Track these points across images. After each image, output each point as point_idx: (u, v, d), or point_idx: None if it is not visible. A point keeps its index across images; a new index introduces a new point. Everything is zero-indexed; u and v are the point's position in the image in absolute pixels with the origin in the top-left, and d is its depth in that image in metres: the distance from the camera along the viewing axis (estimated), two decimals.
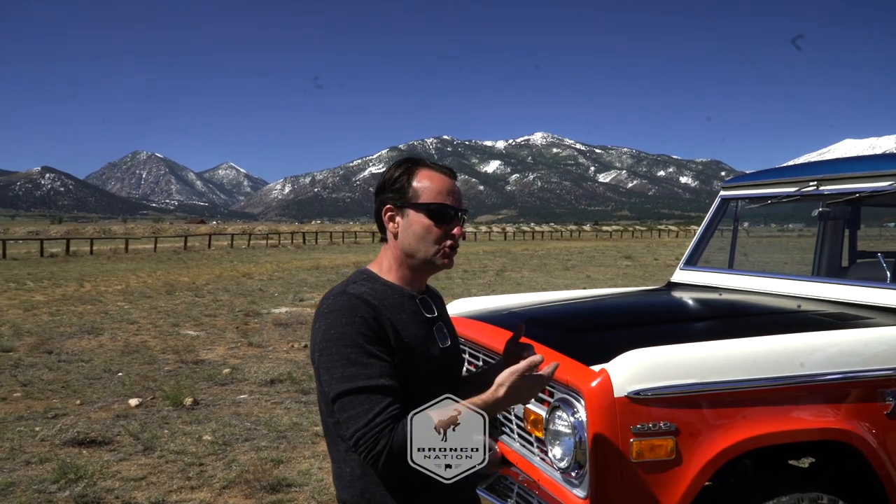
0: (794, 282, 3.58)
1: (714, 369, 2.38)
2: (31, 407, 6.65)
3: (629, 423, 2.25)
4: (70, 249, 35.92)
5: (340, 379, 1.68)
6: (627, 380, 2.27)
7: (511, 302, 3.91)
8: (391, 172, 1.88)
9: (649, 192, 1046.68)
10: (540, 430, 2.62)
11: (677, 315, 3.54)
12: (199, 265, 27.93)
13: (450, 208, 1.85)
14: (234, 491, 4.66)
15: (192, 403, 6.68)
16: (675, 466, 2.27)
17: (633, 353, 2.35)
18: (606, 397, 2.26)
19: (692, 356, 2.42)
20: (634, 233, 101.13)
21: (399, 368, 1.75)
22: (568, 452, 2.40)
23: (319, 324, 1.76)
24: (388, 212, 1.87)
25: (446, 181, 1.88)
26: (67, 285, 18.65)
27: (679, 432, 2.27)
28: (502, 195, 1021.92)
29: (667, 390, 2.28)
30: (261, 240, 55.66)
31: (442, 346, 1.90)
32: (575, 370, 2.42)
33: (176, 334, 10.92)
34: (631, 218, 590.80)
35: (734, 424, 2.34)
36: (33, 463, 5.12)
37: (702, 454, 2.28)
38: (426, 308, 1.91)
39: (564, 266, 27.08)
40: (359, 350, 1.70)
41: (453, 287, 18.32)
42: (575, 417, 2.37)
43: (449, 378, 1.92)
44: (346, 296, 1.77)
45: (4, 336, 10.44)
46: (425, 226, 1.83)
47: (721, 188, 4.34)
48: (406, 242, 1.86)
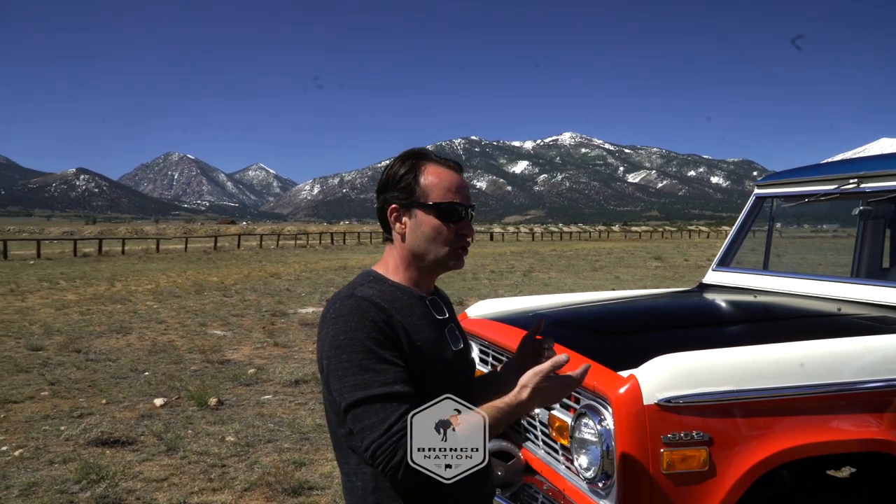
0: (833, 283, 3.42)
1: (750, 376, 2.25)
2: (58, 406, 6.68)
3: (659, 432, 2.13)
4: (102, 249, 36.46)
5: (353, 387, 1.58)
6: (657, 386, 2.15)
7: (536, 303, 3.80)
8: (395, 168, 1.77)
9: (679, 192, 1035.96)
10: (565, 438, 2.51)
11: (710, 318, 3.40)
12: (228, 265, 28.14)
13: (459, 206, 1.75)
14: (256, 493, 4.61)
15: (216, 404, 6.66)
16: (709, 478, 2.14)
17: (664, 358, 2.22)
18: (635, 405, 2.14)
19: (726, 362, 2.29)
20: (664, 233, 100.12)
21: (412, 373, 1.66)
22: (595, 462, 2.29)
23: (327, 330, 1.66)
24: (393, 212, 1.76)
25: (454, 177, 1.76)
26: (99, 285, 18.88)
27: (713, 442, 2.15)
28: (530, 195, 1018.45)
29: (700, 398, 2.16)
30: (289, 240, 56.01)
31: (455, 348, 1.80)
32: (602, 375, 2.31)
33: (203, 334, 10.95)
34: (661, 218, 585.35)
35: (771, 434, 2.20)
36: (57, 463, 5.12)
37: (737, 466, 2.15)
38: (436, 310, 1.81)
39: (593, 267, 26.82)
40: (371, 356, 1.60)
41: (480, 288, 18.21)
42: (602, 425, 2.25)
43: (463, 381, 1.83)
44: (354, 299, 1.67)
45: (35, 335, 10.55)
46: (435, 226, 1.73)
47: (755, 186, 4.19)
48: (415, 244, 1.76)
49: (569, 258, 33.40)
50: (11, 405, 6.67)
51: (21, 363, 8.49)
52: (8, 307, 13.91)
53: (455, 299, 14.68)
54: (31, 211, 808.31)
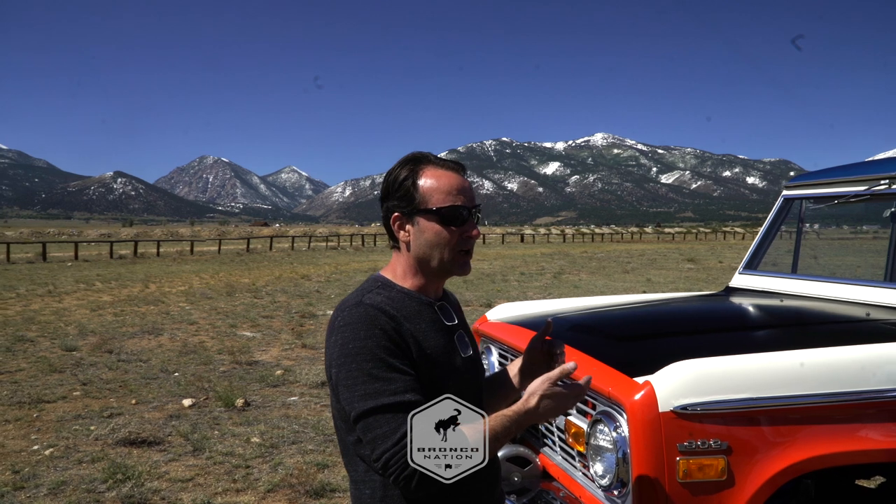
0: (864, 288, 3.32)
1: (771, 383, 2.19)
2: (89, 406, 6.78)
3: (675, 439, 2.08)
4: (138, 251, 37.13)
5: (363, 396, 1.56)
6: (673, 393, 2.10)
7: (557, 307, 3.76)
8: (395, 174, 1.73)
9: (714, 192, 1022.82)
10: (581, 445, 2.48)
11: (733, 323, 3.32)
12: (259, 267, 28.43)
13: (462, 209, 1.70)
14: (279, 495, 4.63)
15: (243, 405, 6.71)
16: (727, 488, 2.09)
17: (681, 364, 2.18)
18: (650, 412, 2.10)
19: (747, 368, 2.23)
20: (698, 235, 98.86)
21: (422, 381, 1.64)
22: (610, 469, 2.25)
23: (335, 338, 1.64)
24: (396, 220, 1.73)
25: (455, 178, 1.72)
26: (133, 286, 19.19)
27: (731, 451, 2.10)
28: (562, 197, 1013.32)
29: (717, 405, 2.11)
30: (321, 242, 56.42)
31: (464, 355, 1.78)
32: (617, 381, 2.26)
33: (233, 335, 11.06)
34: (695, 220, 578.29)
35: (793, 444, 2.14)
36: (85, 462, 5.19)
37: (756, 475, 2.09)
38: (446, 316, 1.79)
39: (624, 269, 26.57)
40: (381, 364, 1.58)
41: (509, 290, 18.15)
42: (617, 432, 2.21)
43: (473, 387, 1.80)
44: (362, 306, 1.65)
45: (70, 336, 10.75)
46: (437, 232, 1.70)
47: (784, 187, 4.09)
48: (419, 250, 1.73)
49: (600, 260, 33.13)
50: (44, 405, 6.80)
51: (55, 363, 8.65)
52: (45, 308, 14.20)
53: (483, 301, 14.65)
54: (71, 213, 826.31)
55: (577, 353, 2.63)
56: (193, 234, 72.59)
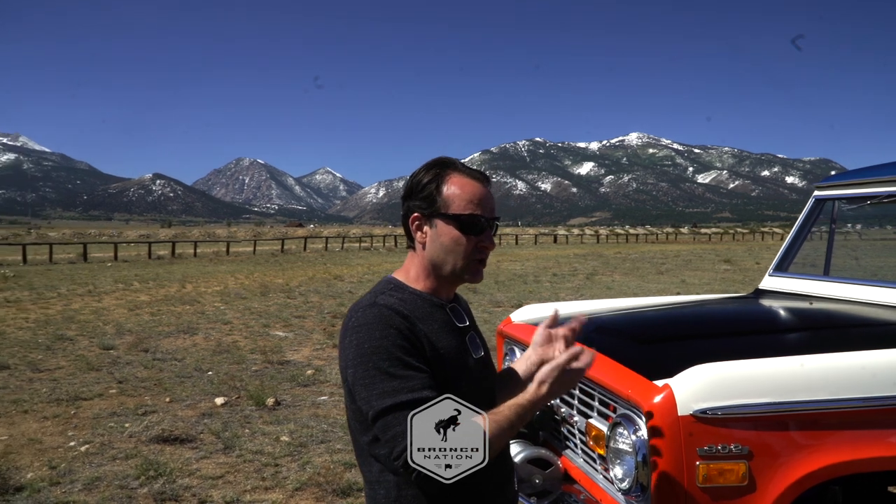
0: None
1: (795, 387, 2.16)
2: (124, 403, 6.92)
3: (695, 444, 2.06)
4: (175, 252, 37.75)
5: (381, 395, 1.58)
6: (693, 397, 2.08)
7: (581, 308, 3.73)
8: (420, 176, 1.76)
9: (752, 192, 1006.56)
10: (602, 447, 2.47)
11: (759, 326, 3.27)
12: (293, 267, 28.71)
13: (481, 218, 1.73)
14: (306, 493, 4.68)
15: (273, 404, 6.80)
16: (748, 493, 2.07)
17: (701, 367, 2.15)
18: (669, 415, 2.08)
19: (770, 372, 2.19)
20: (735, 235, 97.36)
21: (436, 380, 1.66)
22: (629, 473, 2.24)
23: (350, 339, 1.66)
24: (415, 220, 1.76)
25: (478, 188, 1.75)
26: (170, 286, 19.51)
27: (752, 456, 2.07)
28: (596, 197, 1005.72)
29: (738, 409, 2.08)
30: (354, 242, 56.79)
31: (475, 356, 1.80)
32: (637, 384, 2.25)
33: (266, 335, 11.19)
34: (732, 220, 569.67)
35: (817, 449, 2.11)
36: (119, 458, 5.30)
37: (779, 481, 2.06)
38: (457, 318, 1.81)
39: (658, 270, 26.28)
40: (397, 363, 1.60)
41: (541, 290, 18.09)
42: (637, 436, 2.20)
43: (486, 388, 1.81)
44: (376, 307, 1.67)
45: (107, 335, 10.98)
46: (454, 237, 1.72)
47: (815, 188, 4.02)
48: (434, 253, 1.75)
49: (634, 261, 32.82)
50: (81, 402, 6.95)
51: (93, 362, 8.84)
52: (85, 307, 14.51)
53: (515, 302, 14.61)
54: (112, 215, 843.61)
55: (598, 355, 2.62)
56: (230, 234, 73.55)
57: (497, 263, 29.84)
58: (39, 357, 9.19)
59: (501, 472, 1.83)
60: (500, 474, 1.82)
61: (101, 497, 4.57)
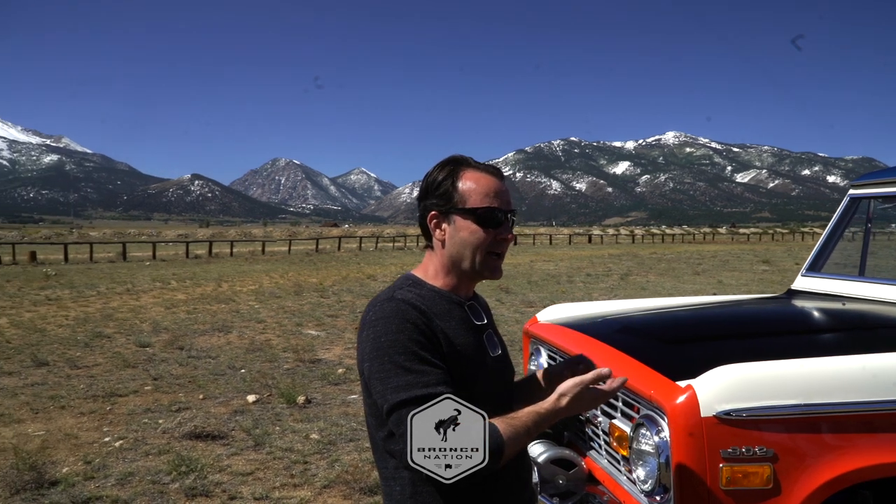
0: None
1: (822, 389, 2.11)
2: (159, 400, 7.04)
3: (718, 446, 2.03)
4: (212, 251, 38.28)
5: (396, 389, 1.59)
6: (716, 398, 2.04)
7: (608, 308, 3.70)
8: (434, 175, 1.77)
9: (792, 192, 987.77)
10: (625, 448, 2.44)
11: (788, 327, 3.20)
12: (327, 267, 28.92)
13: (498, 211, 1.73)
14: (334, 491, 4.71)
15: (304, 402, 6.85)
16: (773, 497, 2.03)
17: (725, 368, 2.12)
18: (692, 416, 2.05)
19: (796, 374, 2.15)
20: (774, 236, 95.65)
21: (453, 377, 1.65)
22: (652, 474, 2.21)
23: (367, 333, 1.67)
24: (433, 218, 1.77)
25: (493, 181, 1.75)
26: (206, 285, 19.79)
27: (777, 459, 2.03)
28: (631, 197, 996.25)
29: (763, 411, 2.04)
30: (388, 242, 57.02)
31: (493, 354, 1.79)
32: (660, 385, 2.22)
33: (298, 333, 11.29)
34: (772, 220, 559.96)
35: (844, 452, 2.06)
36: (152, 454, 5.39)
37: (804, 484, 2.02)
38: (475, 315, 1.80)
39: (694, 270, 25.91)
40: (413, 357, 1.60)
41: (574, 291, 17.97)
42: (660, 437, 2.17)
43: (502, 386, 1.81)
44: (394, 301, 1.68)
45: (144, 332, 11.18)
46: (473, 231, 1.73)
47: (850, 186, 3.93)
48: (454, 249, 1.75)
49: (669, 261, 32.42)
50: (117, 398, 7.09)
51: (129, 359, 9.01)
52: (123, 306, 14.80)
53: (548, 302, 14.53)
54: (151, 214, 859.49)
55: (621, 354, 2.59)
56: (266, 234, 74.40)
57: (530, 263, 29.72)
58: (78, 354, 9.40)
59: (518, 473, 1.83)
60: (518, 475, 1.82)
61: (134, 492, 4.65)
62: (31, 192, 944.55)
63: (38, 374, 8.19)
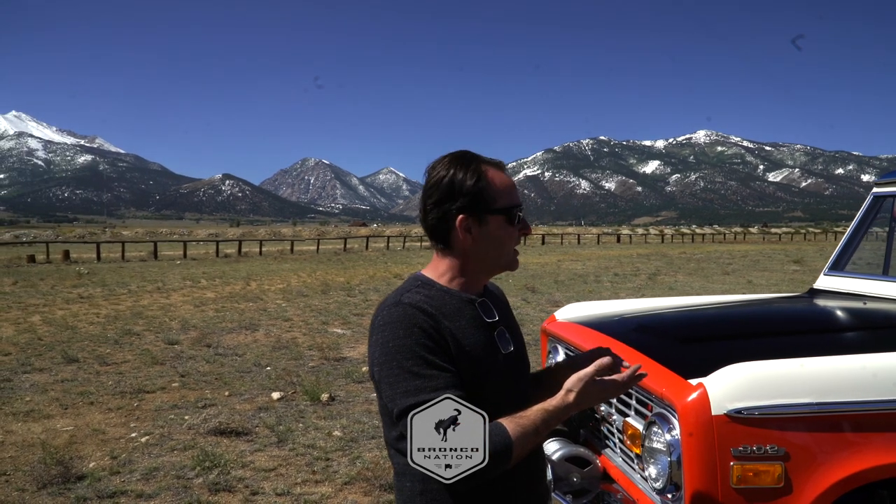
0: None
1: (835, 388, 2.09)
2: (185, 396, 7.15)
3: (729, 444, 2.02)
4: (242, 250, 38.70)
5: (404, 393, 1.60)
6: (727, 396, 2.04)
7: (626, 307, 3.69)
8: (452, 175, 1.72)
9: (825, 191, 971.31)
10: (638, 447, 2.44)
11: (806, 326, 3.17)
12: (355, 266, 29.08)
13: (519, 207, 1.75)
14: (355, 487, 4.75)
15: (328, 399, 6.92)
16: (784, 495, 2.01)
17: (736, 366, 2.11)
18: (703, 414, 2.04)
19: (808, 372, 2.13)
20: (807, 235, 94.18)
21: (463, 378, 1.66)
22: (663, 472, 2.20)
23: (376, 337, 1.67)
24: (463, 221, 1.71)
25: (507, 178, 1.76)
26: (235, 284, 20.03)
27: (789, 457, 2.02)
28: (661, 196, 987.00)
29: (774, 410, 2.03)
30: (415, 241, 57.14)
31: (504, 352, 1.77)
32: (671, 383, 2.22)
33: (324, 332, 11.38)
34: (804, 219, 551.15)
35: (857, 451, 2.04)
36: (178, 449, 5.49)
37: (816, 483, 2.01)
38: (486, 313, 1.79)
39: (724, 270, 25.60)
40: (421, 362, 1.61)
41: (602, 290, 17.87)
42: (671, 435, 2.17)
43: (516, 385, 1.80)
44: (401, 306, 1.68)
45: (173, 330, 11.36)
46: (507, 231, 1.74)
47: (874, 184, 3.87)
48: (482, 251, 1.74)
49: (698, 261, 32.08)
50: (145, 395, 7.22)
51: (157, 356, 9.16)
52: (153, 304, 15.04)
53: (574, 302, 14.46)
54: (183, 214, 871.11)
55: (635, 353, 2.59)
56: (295, 234, 74.98)
57: (558, 263, 29.61)
58: (107, 351, 9.58)
59: (531, 470, 1.83)
60: (530, 473, 1.81)
61: (158, 486, 4.74)
62: (66, 192, 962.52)
63: (68, 370, 8.37)
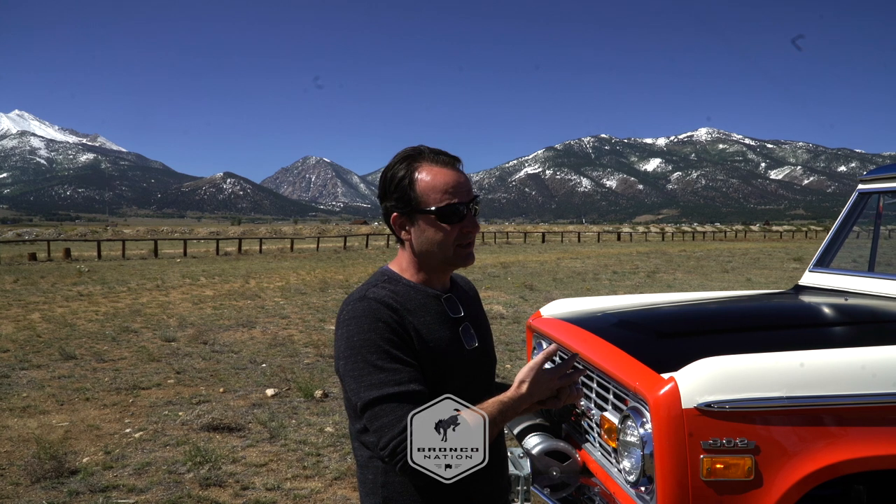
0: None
1: (805, 382, 2.11)
2: (180, 393, 7.18)
3: (699, 437, 2.04)
4: (242, 248, 38.74)
5: (369, 387, 1.62)
6: (697, 390, 2.06)
7: (610, 303, 3.71)
8: (390, 173, 1.75)
9: (828, 189, 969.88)
10: (614, 440, 2.46)
11: (786, 321, 3.19)
12: (354, 264, 29.10)
13: (459, 206, 1.72)
14: (344, 483, 4.78)
15: (321, 395, 6.95)
16: (754, 488, 2.04)
17: (707, 360, 2.13)
18: (673, 408, 2.07)
19: (779, 366, 2.15)
20: (808, 233, 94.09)
21: (426, 373, 1.68)
22: (636, 465, 2.23)
23: (341, 332, 1.70)
24: (396, 220, 1.76)
25: (450, 174, 1.73)
26: (234, 281, 20.05)
27: (759, 451, 2.04)
28: (663, 194, 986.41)
29: (744, 403, 2.05)
30: None
31: (468, 347, 1.79)
32: (644, 377, 2.24)
33: (321, 329, 11.41)
34: (806, 217, 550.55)
35: (829, 445, 2.06)
36: (170, 445, 5.52)
37: (785, 476, 2.03)
38: (452, 309, 1.81)
39: (723, 268, 25.60)
40: (385, 356, 1.64)
41: (600, 288, 17.89)
42: (644, 428, 2.19)
43: (480, 380, 1.82)
44: (366, 301, 1.70)
45: (170, 327, 11.39)
46: (438, 230, 1.73)
47: (859, 181, 3.89)
48: (421, 248, 1.76)
49: (698, 259, 32.08)
50: (140, 391, 7.25)
51: (154, 353, 9.20)
52: (152, 301, 15.07)
53: None
54: (184, 212, 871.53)
55: (612, 347, 2.61)
56: (295, 232, 74.99)
57: (557, 261, 29.62)
58: (105, 348, 9.61)
59: (491, 463, 1.84)
60: (490, 465, 1.83)
61: (150, 481, 4.77)
62: (68, 191, 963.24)
63: (65, 367, 8.40)
